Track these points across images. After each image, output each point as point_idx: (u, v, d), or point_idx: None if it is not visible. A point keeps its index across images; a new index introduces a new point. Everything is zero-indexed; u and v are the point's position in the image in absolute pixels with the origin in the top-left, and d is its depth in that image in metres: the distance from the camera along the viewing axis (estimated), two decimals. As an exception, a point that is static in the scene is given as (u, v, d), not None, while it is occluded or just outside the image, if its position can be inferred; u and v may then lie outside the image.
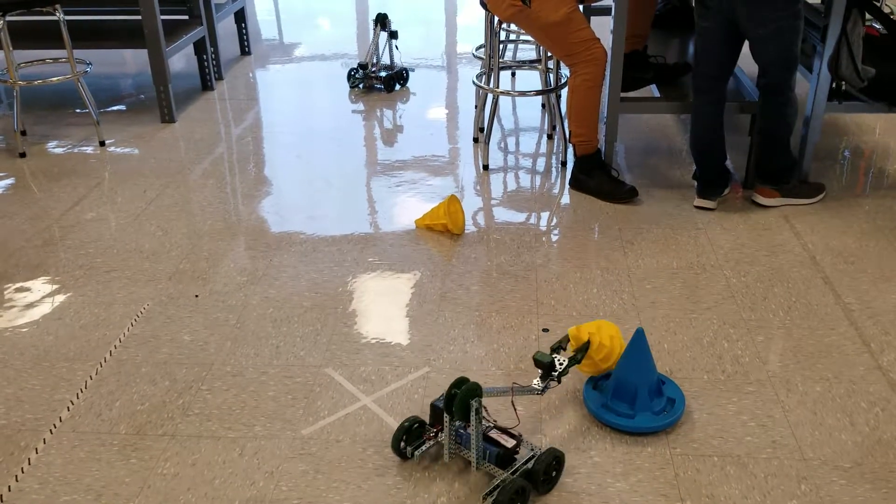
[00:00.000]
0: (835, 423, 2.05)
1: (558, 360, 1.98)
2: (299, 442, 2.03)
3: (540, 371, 1.97)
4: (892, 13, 3.03)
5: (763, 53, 2.89)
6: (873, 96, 3.02)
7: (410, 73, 4.74)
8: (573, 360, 2.03)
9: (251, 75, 4.97)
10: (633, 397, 2.04)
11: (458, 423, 1.89)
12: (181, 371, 2.30)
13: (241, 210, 3.25)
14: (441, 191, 3.39)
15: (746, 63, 3.09)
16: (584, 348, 2.07)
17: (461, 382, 1.86)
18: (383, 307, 2.59)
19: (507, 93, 4.17)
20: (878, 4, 3.03)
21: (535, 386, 1.96)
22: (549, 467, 1.85)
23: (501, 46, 4.63)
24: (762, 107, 3.03)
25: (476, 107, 4.02)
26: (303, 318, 2.54)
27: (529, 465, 1.84)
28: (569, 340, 2.10)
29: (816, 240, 2.90)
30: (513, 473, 1.83)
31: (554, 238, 2.98)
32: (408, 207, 3.24)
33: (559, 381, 1.99)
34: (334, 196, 3.37)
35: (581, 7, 3.22)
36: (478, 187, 3.41)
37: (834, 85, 3.05)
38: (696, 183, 3.17)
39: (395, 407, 2.14)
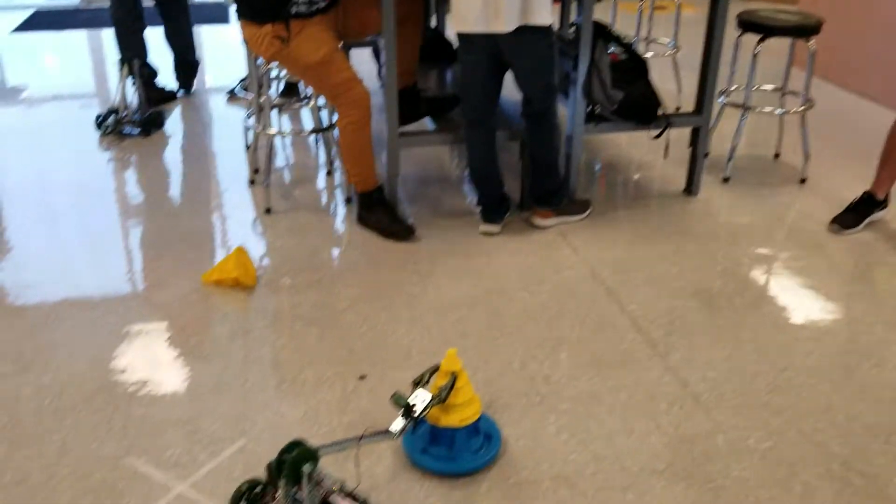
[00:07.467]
0: (643, 428, 2.20)
1: (420, 399, 1.87)
2: (110, 550, 1.80)
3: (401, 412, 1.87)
4: (625, 38, 3.35)
5: (526, 84, 3.06)
6: (623, 116, 3.31)
7: (166, 115, 4.45)
8: (436, 399, 1.91)
9: (-24, 127, 4.39)
10: (451, 440, 2.04)
11: (293, 489, 1.77)
12: (-54, 492, 1.95)
13: (-10, 286, 2.84)
14: (224, 241, 3.20)
15: (512, 91, 3.25)
16: (449, 385, 1.93)
17: (294, 446, 1.75)
18: (181, 378, 2.38)
19: (282, 133, 4.04)
20: (614, 34, 3.33)
21: (392, 430, 1.85)
22: None
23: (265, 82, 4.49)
24: (529, 134, 3.20)
25: (248, 147, 3.86)
26: (89, 403, 2.26)
27: None
28: (435, 371, 1.95)
29: (592, 253, 3.12)
30: (352, 539, 1.75)
31: (352, 278, 2.93)
32: (190, 263, 3.02)
33: (416, 425, 1.87)
34: (102, 258, 3.05)
35: (342, 44, 3.21)
36: (263, 233, 3.27)
37: (588, 108, 3.31)
38: (479, 209, 3.28)
39: (216, 489, 1.97)
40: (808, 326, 2.66)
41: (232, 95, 4.82)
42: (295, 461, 1.70)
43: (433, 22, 4.55)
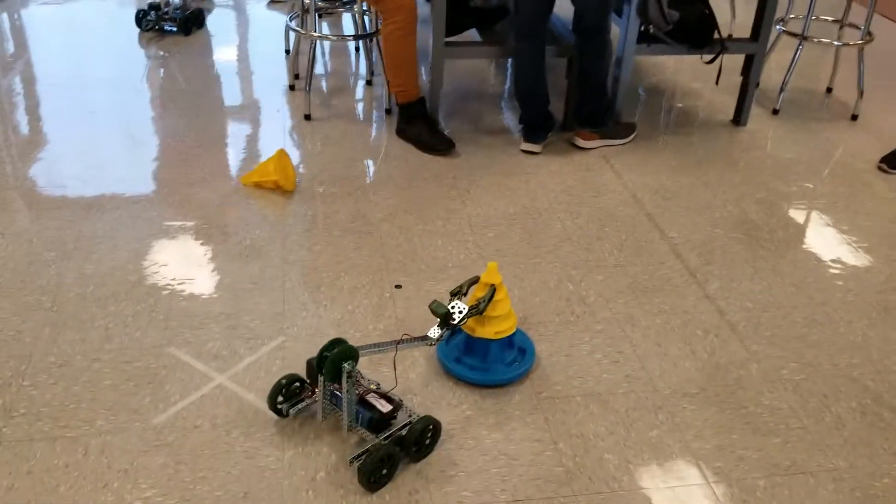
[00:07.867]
0: (678, 352, 2.20)
1: (458, 309, 1.89)
2: (152, 433, 1.86)
3: (438, 320, 1.89)
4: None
5: (580, -2, 2.97)
6: (677, 38, 3.21)
7: (207, 14, 4.39)
8: (474, 310, 1.93)
9: (15, 18, 4.35)
10: (485, 351, 2.05)
11: (332, 385, 1.81)
12: (-6, 368, 2.01)
13: (27, 174, 2.86)
14: (263, 144, 3.19)
15: (562, 8, 3.16)
16: (488, 297, 1.94)
17: (335, 344, 1.78)
18: (221, 275, 2.41)
19: (326, 37, 3.96)
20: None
21: (429, 336, 1.87)
22: (422, 435, 1.81)
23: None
24: (579, 51, 3.12)
25: (288, 52, 3.80)
26: (131, 294, 2.30)
27: (403, 431, 1.80)
28: (474, 283, 1.96)
29: (635, 178, 3.07)
30: (385, 439, 1.78)
31: (391, 190, 2.91)
32: (229, 164, 3.02)
33: (453, 333, 1.89)
34: (140, 155, 3.06)
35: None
36: (301, 139, 3.25)
37: (642, 28, 3.21)
38: (521, 127, 3.22)
39: (254, 383, 2.01)
40: (848, 264, 2.63)
41: (273, -2, 4.73)
42: (336, 358, 1.72)
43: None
